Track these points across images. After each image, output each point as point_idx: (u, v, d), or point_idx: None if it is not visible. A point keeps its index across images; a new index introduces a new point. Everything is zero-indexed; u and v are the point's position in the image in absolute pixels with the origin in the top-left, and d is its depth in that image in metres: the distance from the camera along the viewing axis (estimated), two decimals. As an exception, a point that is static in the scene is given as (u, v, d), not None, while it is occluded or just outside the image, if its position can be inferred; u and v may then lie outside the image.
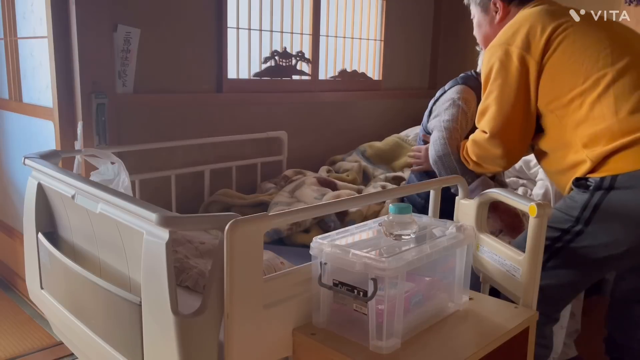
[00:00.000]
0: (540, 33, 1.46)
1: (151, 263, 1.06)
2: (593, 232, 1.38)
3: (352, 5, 3.07)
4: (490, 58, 1.53)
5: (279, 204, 2.13)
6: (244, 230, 0.99)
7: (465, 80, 1.92)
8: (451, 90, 1.91)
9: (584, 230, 1.38)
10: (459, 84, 1.91)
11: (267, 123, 2.61)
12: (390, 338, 1.07)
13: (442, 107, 1.87)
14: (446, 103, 1.87)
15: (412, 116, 3.27)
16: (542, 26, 1.47)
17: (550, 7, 1.55)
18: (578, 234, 1.40)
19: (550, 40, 1.45)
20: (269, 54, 2.67)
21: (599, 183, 1.36)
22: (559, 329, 1.96)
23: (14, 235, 2.57)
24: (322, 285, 1.12)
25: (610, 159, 1.35)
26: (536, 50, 1.46)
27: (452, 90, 1.91)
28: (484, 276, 1.45)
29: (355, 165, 2.57)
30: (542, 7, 1.54)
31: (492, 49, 1.54)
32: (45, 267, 1.50)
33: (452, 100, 1.86)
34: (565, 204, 1.44)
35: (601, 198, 1.36)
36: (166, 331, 1.04)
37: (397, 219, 1.16)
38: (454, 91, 1.89)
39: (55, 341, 2.15)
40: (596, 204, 1.37)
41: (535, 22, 1.49)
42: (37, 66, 2.23)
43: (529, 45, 1.47)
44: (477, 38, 1.76)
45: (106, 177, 1.74)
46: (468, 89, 1.89)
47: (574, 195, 1.43)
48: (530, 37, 1.47)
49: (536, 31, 1.47)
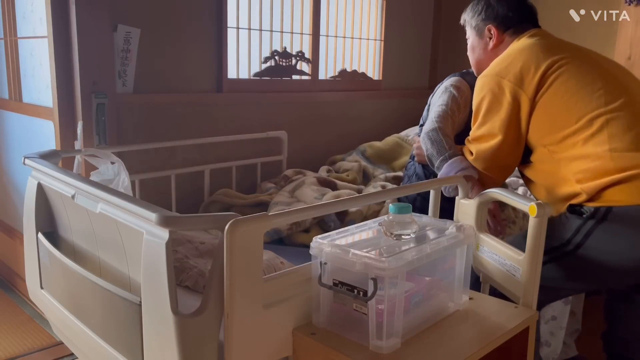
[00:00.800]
0: (535, 70, 1.46)
1: (151, 263, 1.06)
2: (582, 258, 1.39)
3: (352, 5, 3.07)
4: (482, 88, 1.54)
5: (279, 204, 2.13)
6: (243, 230, 0.99)
7: (463, 75, 1.97)
8: (446, 81, 1.96)
9: (575, 253, 1.39)
10: (456, 76, 1.94)
11: (267, 123, 2.61)
12: (390, 338, 1.07)
13: (437, 97, 1.91)
14: (440, 92, 1.92)
15: (412, 116, 3.27)
16: (536, 63, 1.46)
17: (546, 40, 1.54)
18: (568, 254, 1.41)
19: (544, 78, 1.45)
20: (269, 53, 2.67)
21: (593, 213, 1.37)
22: (558, 329, 1.97)
23: (14, 235, 2.57)
24: (322, 285, 1.12)
25: (606, 191, 1.36)
26: (529, 87, 1.45)
27: (447, 81, 1.96)
28: (484, 276, 1.45)
29: (355, 165, 2.57)
30: (536, 41, 1.53)
31: (485, 78, 1.54)
32: (45, 267, 1.50)
33: (444, 88, 1.91)
34: (557, 228, 1.43)
35: (593, 227, 1.37)
36: (166, 331, 1.04)
37: (397, 218, 1.16)
38: (448, 81, 1.95)
39: (55, 341, 2.15)
40: (588, 231, 1.37)
41: (530, 57, 1.48)
42: (37, 66, 2.23)
43: (522, 81, 1.46)
44: (470, 60, 1.76)
45: (106, 177, 1.74)
46: (463, 80, 1.93)
47: (568, 217, 1.43)
48: (524, 73, 1.47)
49: (530, 67, 1.46)
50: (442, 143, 1.67)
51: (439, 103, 1.85)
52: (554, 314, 1.95)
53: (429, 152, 1.69)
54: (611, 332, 1.65)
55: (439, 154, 1.65)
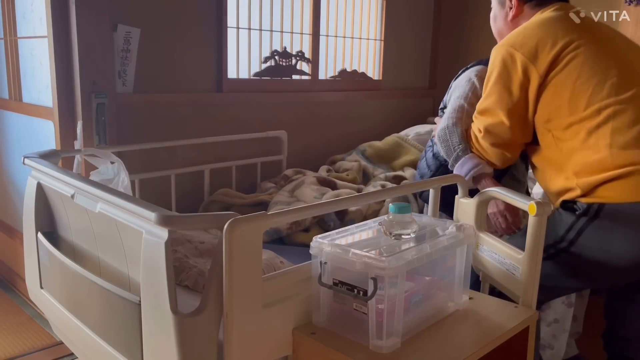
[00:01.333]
0: (551, 47, 1.41)
1: (150, 262, 1.06)
2: (575, 255, 1.38)
3: (352, 5, 3.07)
4: (495, 58, 1.51)
5: (279, 204, 2.13)
6: (242, 229, 0.99)
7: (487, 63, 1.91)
8: (470, 70, 1.89)
9: (568, 249, 1.39)
10: (481, 65, 1.88)
11: (267, 123, 2.61)
12: (390, 337, 1.07)
13: (459, 85, 1.86)
14: (462, 81, 1.86)
15: (412, 116, 3.27)
16: (553, 40, 1.42)
17: (566, 16, 1.48)
18: (562, 251, 1.40)
19: (559, 57, 1.41)
20: (269, 53, 2.67)
21: (586, 209, 1.36)
22: (561, 332, 1.95)
23: (14, 235, 2.57)
24: (322, 284, 1.12)
25: (600, 188, 1.35)
26: (542, 63, 1.42)
27: (471, 70, 1.89)
28: (484, 275, 1.44)
29: (355, 165, 2.57)
30: (557, 16, 1.48)
31: (500, 48, 1.51)
32: (45, 266, 1.49)
33: (467, 79, 1.85)
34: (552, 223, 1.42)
35: (586, 224, 1.36)
36: (165, 330, 1.03)
37: (397, 218, 1.16)
38: (472, 70, 1.87)
39: (55, 341, 2.15)
40: (581, 228, 1.37)
41: (548, 33, 1.43)
42: (37, 66, 2.23)
43: (535, 57, 1.42)
44: (493, 30, 1.72)
45: (106, 177, 1.74)
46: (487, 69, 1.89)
47: (561, 215, 1.43)
48: (539, 49, 1.42)
49: (546, 43, 1.42)
50: (449, 143, 1.67)
51: (457, 94, 1.80)
52: (556, 316, 1.94)
53: (441, 153, 1.70)
54: (611, 331, 1.64)
55: (448, 155, 1.66)
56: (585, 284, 1.60)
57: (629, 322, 1.60)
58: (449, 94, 1.94)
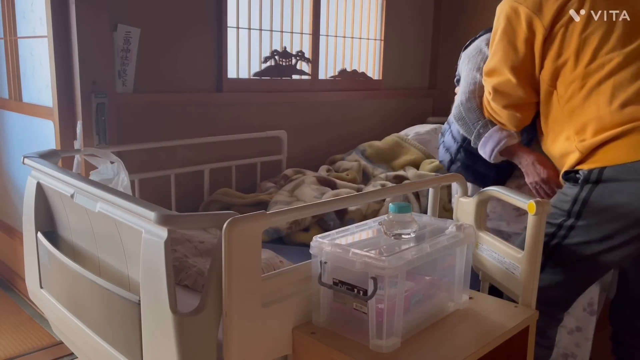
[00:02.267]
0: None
1: (150, 262, 1.06)
2: (585, 227, 1.36)
3: (352, 4, 3.07)
4: (500, 14, 1.47)
5: (279, 203, 2.13)
6: (242, 228, 0.99)
7: None
8: (480, 39, 1.85)
9: (576, 224, 1.36)
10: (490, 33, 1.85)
11: (267, 122, 2.61)
12: (390, 337, 1.07)
13: (469, 55, 1.82)
14: (473, 52, 1.82)
15: (412, 116, 3.27)
16: None
17: None
18: (571, 229, 1.38)
19: (565, 7, 1.37)
20: (269, 53, 2.67)
21: (587, 176, 1.34)
22: (584, 341, 1.85)
23: (14, 235, 2.57)
24: (322, 284, 1.12)
25: (598, 151, 1.33)
26: (547, 15, 1.37)
27: (481, 39, 1.84)
28: (483, 274, 1.44)
29: (355, 165, 2.57)
30: None
31: (503, 4, 1.47)
32: (44, 266, 1.49)
33: (478, 49, 1.80)
34: (558, 198, 1.43)
35: (589, 192, 1.34)
36: (165, 330, 1.03)
37: (397, 218, 1.16)
38: (482, 39, 1.83)
39: (55, 341, 2.15)
40: (585, 198, 1.34)
41: None
42: (37, 66, 2.23)
43: (540, 8, 1.38)
44: None
45: (105, 177, 1.74)
46: None
47: (565, 189, 1.42)
48: (543, 0, 1.38)
49: None
50: (466, 120, 1.64)
51: (469, 67, 1.76)
52: (577, 324, 1.85)
53: (461, 131, 1.68)
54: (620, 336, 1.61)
55: (468, 133, 1.64)
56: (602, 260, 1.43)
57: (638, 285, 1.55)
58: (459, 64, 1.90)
